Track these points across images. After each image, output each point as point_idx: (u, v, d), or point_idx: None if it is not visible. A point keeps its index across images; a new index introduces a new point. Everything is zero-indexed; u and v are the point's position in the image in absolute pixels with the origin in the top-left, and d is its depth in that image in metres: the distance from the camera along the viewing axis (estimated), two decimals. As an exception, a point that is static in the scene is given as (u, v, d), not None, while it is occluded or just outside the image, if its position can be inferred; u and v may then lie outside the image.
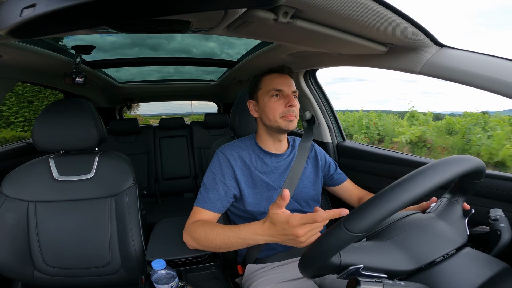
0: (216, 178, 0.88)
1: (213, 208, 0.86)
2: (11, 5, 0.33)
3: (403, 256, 0.51)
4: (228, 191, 0.88)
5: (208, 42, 1.63)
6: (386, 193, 0.45)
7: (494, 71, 0.64)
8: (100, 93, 2.30)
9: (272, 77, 0.91)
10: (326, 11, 0.57)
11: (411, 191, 0.44)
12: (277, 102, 0.89)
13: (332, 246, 0.45)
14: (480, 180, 0.58)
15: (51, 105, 1.01)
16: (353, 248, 0.49)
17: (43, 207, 0.98)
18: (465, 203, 0.64)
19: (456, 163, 0.50)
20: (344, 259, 0.47)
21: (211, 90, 2.59)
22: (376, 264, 0.48)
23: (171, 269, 0.79)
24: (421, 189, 0.44)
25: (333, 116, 1.46)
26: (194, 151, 2.39)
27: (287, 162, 0.96)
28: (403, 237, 0.54)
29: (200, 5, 0.38)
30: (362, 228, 0.43)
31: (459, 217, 0.60)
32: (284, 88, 0.89)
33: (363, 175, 1.24)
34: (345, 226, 0.44)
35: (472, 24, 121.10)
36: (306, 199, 0.96)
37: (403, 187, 0.45)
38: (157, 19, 0.62)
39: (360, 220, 0.44)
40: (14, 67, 1.22)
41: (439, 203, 0.64)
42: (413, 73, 0.81)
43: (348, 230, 0.44)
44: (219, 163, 0.90)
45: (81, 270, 1.01)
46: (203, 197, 0.87)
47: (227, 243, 0.74)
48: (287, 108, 0.87)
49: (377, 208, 0.44)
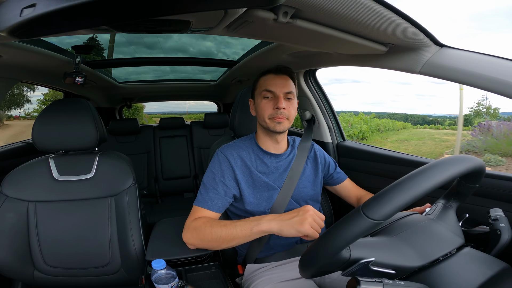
0: (216, 178, 0.88)
1: (213, 208, 0.86)
2: (11, 5, 0.33)
3: (411, 252, 0.51)
4: (227, 191, 0.88)
5: (205, 42, 1.63)
6: (406, 180, 0.45)
7: (494, 71, 0.64)
8: (100, 93, 2.30)
9: (266, 78, 0.91)
10: (326, 11, 0.57)
11: (431, 180, 0.44)
12: (267, 103, 0.89)
13: (350, 234, 0.43)
14: (476, 184, 0.59)
15: (51, 105, 1.01)
16: (363, 243, 0.49)
17: (43, 207, 0.98)
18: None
19: (467, 160, 0.51)
20: (354, 253, 0.46)
21: (211, 90, 2.58)
22: (387, 259, 0.48)
23: (171, 269, 0.79)
24: (439, 179, 0.45)
25: (333, 116, 1.46)
26: (194, 151, 2.39)
27: (287, 162, 0.96)
28: (408, 234, 0.54)
29: (200, 5, 0.38)
30: (383, 214, 0.42)
31: (454, 221, 0.61)
32: (275, 89, 0.88)
33: (363, 175, 1.24)
34: (364, 212, 0.43)
35: (466, 27, 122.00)
36: (305, 198, 0.96)
37: (423, 175, 0.45)
38: (157, 19, 0.62)
39: (380, 206, 0.43)
40: (14, 67, 1.22)
41: (434, 207, 0.65)
42: (413, 73, 0.81)
43: (368, 216, 0.42)
44: (219, 163, 0.91)
45: (81, 270, 1.01)
46: (203, 196, 0.87)
47: (232, 233, 0.76)
48: (275, 110, 0.87)
49: (398, 194, 0.43)
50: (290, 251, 0.93)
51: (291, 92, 0.90)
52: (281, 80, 0.90)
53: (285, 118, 0.88)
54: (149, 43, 1.59)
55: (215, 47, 1.69)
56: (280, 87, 0.88)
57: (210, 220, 0.82)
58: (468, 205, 0.83)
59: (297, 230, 0.70)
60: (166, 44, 1.62)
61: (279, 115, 0.87)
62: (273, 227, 0.73)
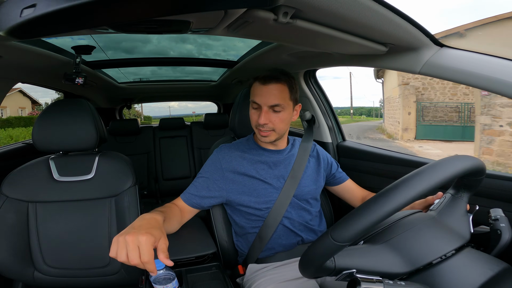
0: (201, 179, 0.91)
1: (187, 201, 0.89)
2: (11, 5, 0.33)
3: (396, 258, 0.51)
4: (208, 192, 0.90)
5: (186, 44, 1.61)
6: (369, 204, 0.46)
7: (494, 71, 0.64)
8: (100, 93, 2.30)
9: (255, 86, 0.87)
10: (326, 11, 0.57)
11: (393, 202, 0.45)
12: (254, 113, 0.88)
13: (321, 254, 0.47)
14: (482, 176, 0.57)
15: (51, 106, 1.01)
16: (347, 252, 0.50)
17: (43, 207, 0.98)
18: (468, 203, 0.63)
19: (441, 167, 0.48)
20: (338, 262, 0.48)
21: (211, 90, 2.58)
22: (369, 268, 0.49)
23: (170, 270, 0.79)
24: (404, 199, 0.45)
25: (333, 116, 1.46)
26: (194, 152, 2.39)
27: (288, 159, 0.97)
28: (399, 239, 0.54)
29: (200, 5, 0.38)
30: (347, 238, 0.45)
31: (462, 214, 0.59)
32: (260, 101, 0.84)
33: (363, 175, 1.24)
34: (331, 235, 0.46)
35: (440, 22, 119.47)
36: (307, 197, 0.96)
37: (387, 197, 0.46)
38: (157, 19, 0.62)
39: (344, 230, 0.45)
40: (14, 67, 1.22)
41: (442, 199, 0.63)
42: (413, 73, 0.81)
43: (334, 239, 0.45)
44: (210, 165, 0.93)
45: (82, 270, 1.01)
46: (187, 189, 0.92)
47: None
48: (259, 123, 0.85)
49: (360, 218, 0.45)
50: (292, 251, 0.93)
51: (277, 105, 0.83)
52: (268, 90, 0.83)
53: (270, 131, 0.86)
54: (128, 48, 1.58)
55: (196, 49, 1.68)
56: (265, 99, 0.83)
57: (169, 208, 0.84)
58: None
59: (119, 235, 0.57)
60: (145, 48, 1.61)
61: (262, 129, 0.86)
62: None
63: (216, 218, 1.01)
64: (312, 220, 0.97)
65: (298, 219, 0.93)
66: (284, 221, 0.92)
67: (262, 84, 0.85)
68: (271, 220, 0.90)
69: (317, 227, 0.97)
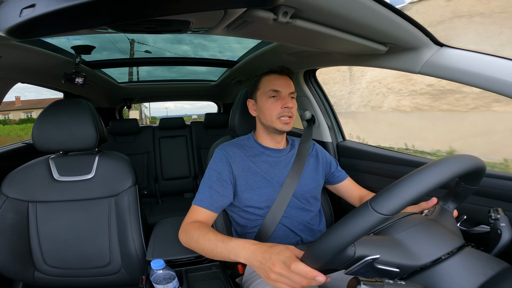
0: (214, 177, 0.89)
1: (210, 207, 0.86)
2: (11, 5, 0.33)
3: (414, 250, 0.51)
4: (225, 190, 0.88)
5: (181, 45, 1.62)
6: (415, 175, 0.44)
7: (494, 71, 0.64)
8: (100, 93, 2.30)
9: (270, 78, 0.93)
10: (326, 11, 0.57)
11: (439, 175, 0.44)
12: (274, 103, 0.91)
13: (358, 229, 0.42)
14: (475, 186, 0.60)
15: (51, 105, 1.01)
16: (367, 240, 0.49)
17: (43, 207, 0.98)
18: (456, 210, 0.66)
19: (471, 158, 0.52)
20: (358, 250, 0.46)
21: (211, 90, 2.58)
22: (391, 258, 0.47)
23: (170, 269, 0.79)
24: (446, 174, 0.45)
25: (333, 116, 1.45)
26: (194, 151, 2.39)
27: (288, 158, 0.97)
28: (410, 233, 0.54)
29: (200, 5, 0.38)
30: (391, 208, 0.41)
31: (452, 223, 0.61)
32: (282, 89, 0.91)
33: (363, 174, 1.24)
34: (372, 207, 0.42)
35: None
36: (306, 196, 0.96)
37: (432, 170, 0.45)
38: (157, 19, 0.62)
39: (389, 200, 0.42)
40: (14, 67, 1.22)
41: (432, 209, 0.65)
42: (413, 73, 0.81)
43: (376, 211, 0.42)
44: (217, 161, 0.91)
45: (82, 270, 1.01)
46: (201, 195, 0.87)
47: (213, 251, 0.72)
48: (283, 109, 0.89)
49: (406, 188, 0.43)
50: (291, 251, 0.93)
51: (294, 92, 0.93)
52: (286, 80, 0.93)
53: (290, 118, 0.91)
54: (124, 48, 1.59)
55: (192, 50, 1.69)
56: (285, 87, 0.91)
57: (201, 227, 0.79)
58: (468, 205, 0.83)
59: (265, 279, 0.60)
60: (141, 49, 1.62)
61: (287, 114, 0.90)
62: (248, 260, 0.65)
63: (216, 217, 1.01)
64: (312, 220, 0.97)
65: (297, 219, 0.93)
66: (284, 220, 0.92)
67: (279, 75, 0.93)
68: (270, 219, 0.90)
69: (316, 226, 0.97)
